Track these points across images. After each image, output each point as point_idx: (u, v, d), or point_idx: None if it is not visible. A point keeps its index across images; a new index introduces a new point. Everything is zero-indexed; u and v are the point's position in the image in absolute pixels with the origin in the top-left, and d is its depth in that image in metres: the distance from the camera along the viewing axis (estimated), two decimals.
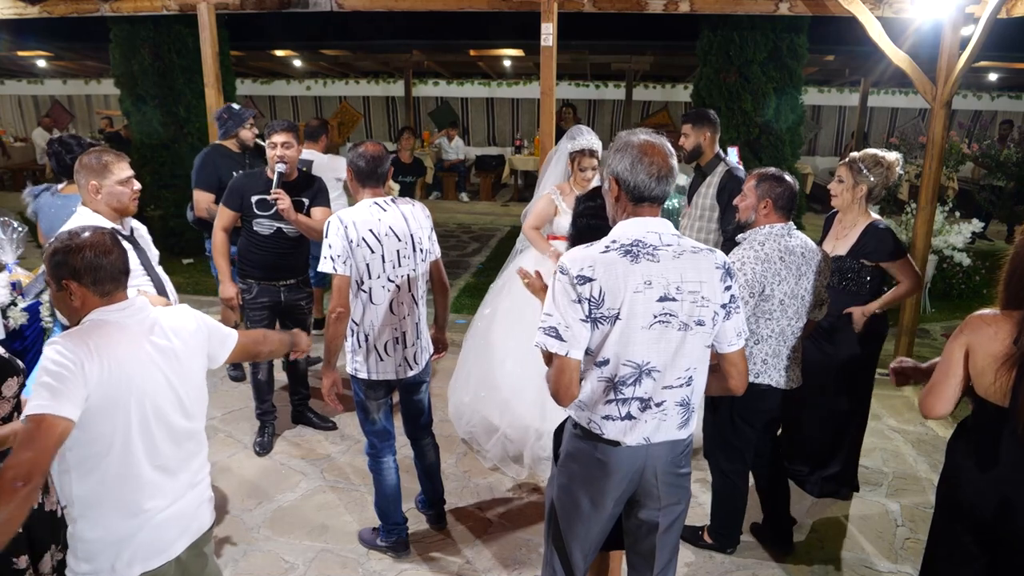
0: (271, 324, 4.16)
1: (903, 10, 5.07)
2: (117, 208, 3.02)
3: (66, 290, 1.89)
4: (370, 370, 3.10)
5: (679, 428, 2.15)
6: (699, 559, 3.35)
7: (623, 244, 2.03)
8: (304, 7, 5.70)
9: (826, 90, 14.44)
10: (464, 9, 5.66)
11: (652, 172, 2.04)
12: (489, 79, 15.13)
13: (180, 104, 8.15)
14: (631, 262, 2.00)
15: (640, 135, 2.10)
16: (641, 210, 2.09)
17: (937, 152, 5.12)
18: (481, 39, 11.01)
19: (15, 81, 16.06)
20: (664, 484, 2.18)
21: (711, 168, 4.19)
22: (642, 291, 1.99)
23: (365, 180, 3.04)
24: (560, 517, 2.27)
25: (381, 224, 2.98)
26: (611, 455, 2.12)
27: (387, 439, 3.24)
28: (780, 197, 2.94)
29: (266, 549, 3.37)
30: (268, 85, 15.63)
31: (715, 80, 7.25)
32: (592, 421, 2.11)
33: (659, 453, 2.14)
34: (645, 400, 2.07)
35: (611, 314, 1.99)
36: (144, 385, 1.88)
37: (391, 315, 3.06)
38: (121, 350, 1.85)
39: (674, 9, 5.35)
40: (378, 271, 3.00)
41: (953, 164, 9.09)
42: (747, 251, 2.93)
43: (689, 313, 2.04)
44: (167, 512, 1.97)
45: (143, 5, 5.86)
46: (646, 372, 2.04)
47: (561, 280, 2.01)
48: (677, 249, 2.06)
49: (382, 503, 3.27)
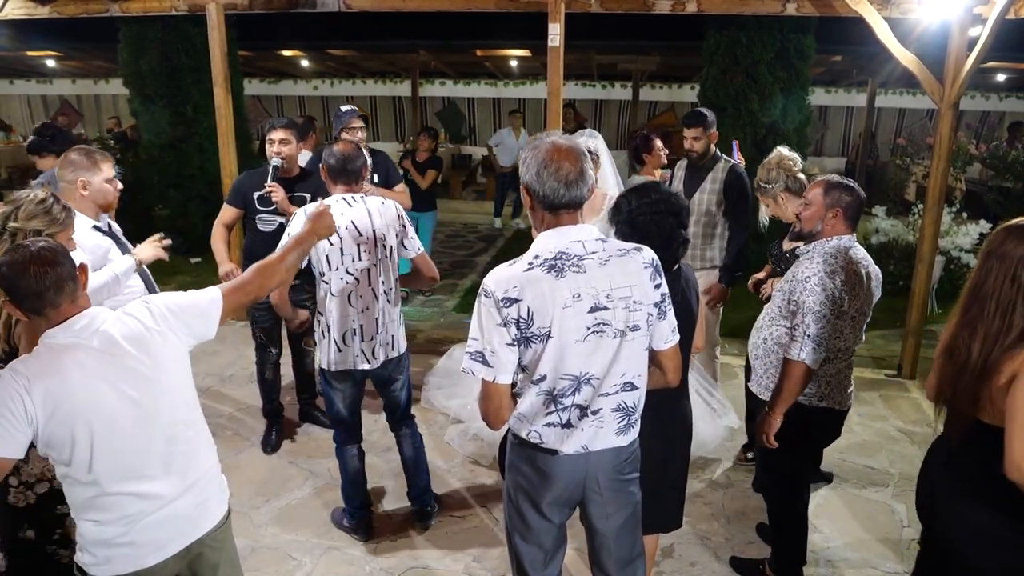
0: (275, 323, 4.20)
1: (910, 11, 5.06)
2: (103, 205, 3.10)
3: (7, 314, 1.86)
4: (330, 360, 3.21)
5: (617, 435, 2.09)
6: (704, 557, 3.35)
7: (546, 259, 1.95)
8: (312, 7, 5.72)
9: (833, 90, 14.39)
10: (471, 9, 5.67)
11: (560, 178, 1.93)
12: (495, 79, 15.13)
13: (188, 104, 8.20)
14: (556, 277, 1.92)
15: (547, 139, 2.00)
16: (560, 219, 1.99)
17: (944, 153, 5.11)
18: (487, 39, 11.02)
19: (24, 81, 16.15)
20: (608, 491, 2.14)
21: (712, 165, 4.30)
22: (572, 305, 1.92)
23: (337, 177, 3.18)
24: (510, 527, 2.25)
25: (343, 218, 3.06)
26: (551, 464, 2.08)
27: (350, 430, 3.38)
28: (850, 206, 2.73)
29: (273, 546, 3.39)
30: (275, 85, 15.67)
31: (721, 80, 7.25)
32: (532, 431, 2.07)
33: (600, 461, 2.10)
34: (583, 408, 2.02)
35: (542, 333, 1.92)
36: (98, 404, 1.82)
37: (349, 307, 3.14)
38: (66, 374, 1.80)
39: (681, 10, 5.35)
40: (336, 263, 3.09)
41: (960, 165, 9.06)
42: (820, 265, 2.67)
43: (624, 320, 1.99)
44: (157, 515, 1.95)
45: (152, 5, 5.89)
46: (584, 381, 1.99)
47: (485, 303, 1.94)
48: (603, 255, 1.99)
49: (346, 487, 3.43)
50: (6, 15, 5.93)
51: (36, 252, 1.83)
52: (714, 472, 4.07)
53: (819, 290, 2.62)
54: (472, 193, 13.20)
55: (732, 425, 4.34)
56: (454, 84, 15.40)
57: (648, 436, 2.28)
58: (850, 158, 13.88)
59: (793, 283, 2.73)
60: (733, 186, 4.25)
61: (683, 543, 3.44)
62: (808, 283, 2.65)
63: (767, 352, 2.94)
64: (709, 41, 7.32)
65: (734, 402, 4.89)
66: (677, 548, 3.40)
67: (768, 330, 2.92)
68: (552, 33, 5.34)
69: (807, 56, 7.19)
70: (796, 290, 2.69)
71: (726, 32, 7.11)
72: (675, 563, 3.31)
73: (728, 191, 4.26)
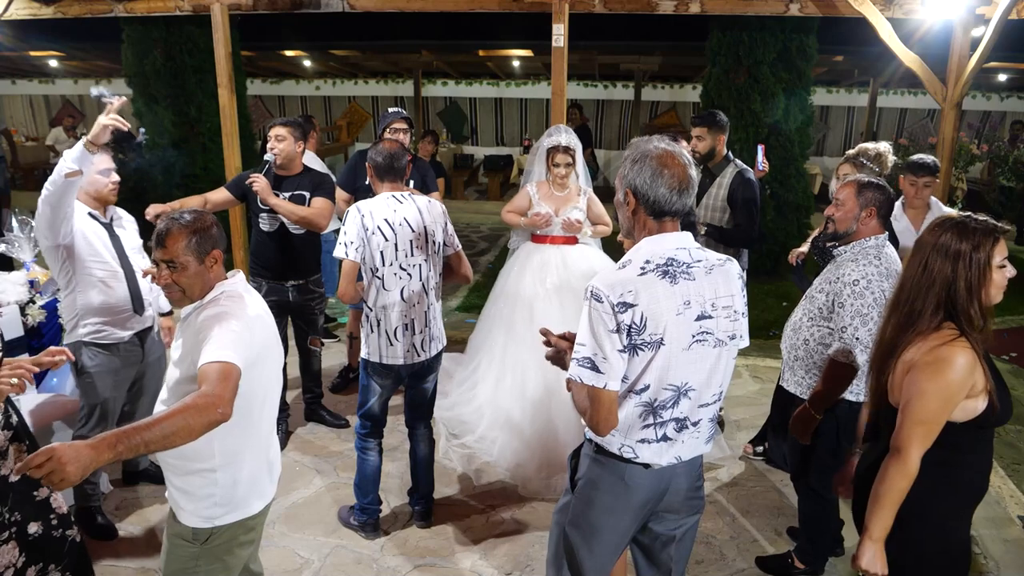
0: (282, 322, 4.21)
1: (913, 11, 5.08)
2: (96, 196, 3.22)
3: (209, 261, 2.15)
4: (381, 354, 3.22)
5: (706, 443, 2.10)
6: (710, 555, 3.37)
7: (658, 264, 1.91)
8: (316, 8, 5.73)
9: (835, 90, 14.42)
10: (475, 10, 5.69)
11: (673, 185, 1.92)
12: (498, 79, 15.16)
13: (192, 104, 8.21)
14: (670, 283, 1.89)
15: (658, 144, 1.98)
16: (664, 225, 1.97)
17: (947, 153, 5.13)
18: (490, 40, 11.05)
19: (27, 81, 16.17)
20: (686, 499, 2.13)
21: (720, 169, 4.15)
22: (682, 312, 1.90)
23: (383, 175, 3.23)
24: (577, 545, 2.16)
25: (396, 215, 3.13)
26: (640, 478, 2.03)
27: (378, 424, 3.40)
28: (883, 204, 2.76)
29: (281, 545, 3.40)
30: (278, 85, 15.70)
31: (724, 80, 7.27)
32: (625, 445, 2.00)
33: (682, 471, 2.08)
34: (682, 420, 1.99)
35: (654, 340, 1.87)
36: (271, 346, 2.19)
37: (402, 302, 3.18)
38: (253, 314, 2.13)
39: (684, 10, 5.36)
40: (391, 259, 3.13)
41: (963, 165, 9.08)
42: (869, 267, 2.69)
43: (725, 329, 1.98)
44: (270, 456, 2.28)
45: (156, 6, 5.91)
46: (684, 393, 1.96)
47: (597, 308, 1.87)
48: (707, 264, 1.98)
49: (361, 482, 3.43)
50: (10, 15, 5.96)
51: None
52: (719, 471, 4.09)
53: (868, 293, 2.65)
54: (474, 193, 13.21)
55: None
56: (456, 84, 15.43)
57: None
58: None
59: (838, 285, 2.73)
60: (737, 192, 4.05)
61: None
62: (856, 286, 2.67)
63: (809, 353, 2.91)
64: (712, 41, 7.34)
65: (736, 400, 4.91)
66: None
67: (809, 331, 2.90)
68: (556, 33, 5.36)
69: (809, 56, 7.21)
70: (843, 292, 2.70)
71: (729, 32, 7.12)
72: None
73: (732, 198, 4.07)
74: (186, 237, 2.10)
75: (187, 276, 2.13)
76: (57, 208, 2.93)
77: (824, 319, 2.82)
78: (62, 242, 3.05)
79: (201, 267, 2.13)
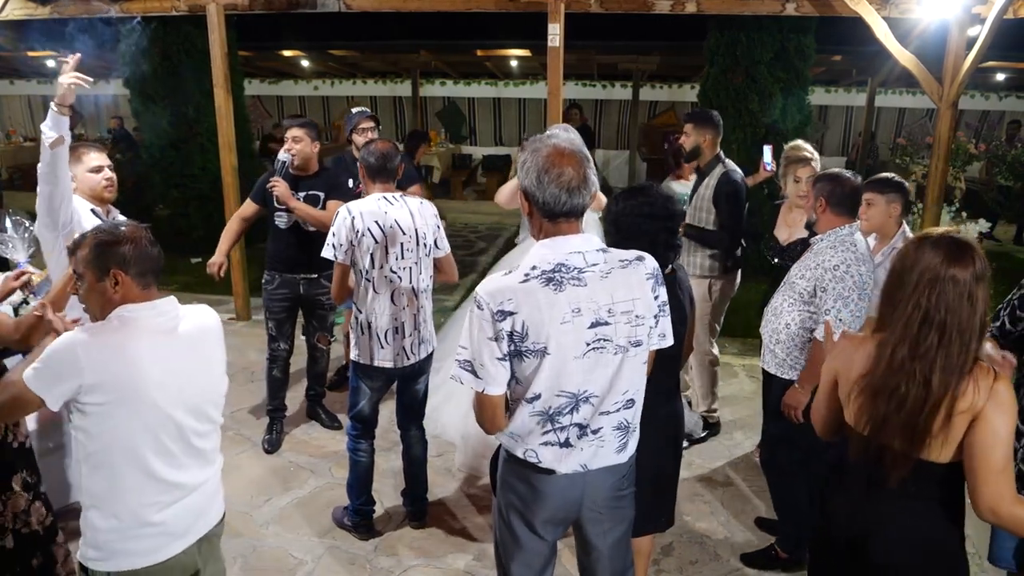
0: (291, 316, 4.27)
1: (909, 10, 5.08)
2: (91, 195, 3.24)
3: (110, 280, 1.87)
4: (372, 356, 3.20)
5: (617, 452, 2.03)
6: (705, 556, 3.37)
7: (544, 270, 1.84)
8: (312, 8, 5.73)
9: (833, 90, 14.41)
10: (472, 10, 5.68)
11: (563, 184, 1.82)
12: (496, 79, 15.15)
13: (189, 104, 8.20)
14: (555, 291, 1.82)
15: (549, 140, 1.89)
16: (559, 227, 1.88)
17: (944, 152, 5.13)
18: (488, 39, 11.04)
19: (24, 81, 16.16)
20: (607, 509, 2.08)
21: (709, 170, 4.16)
22: (571, 320, 1.83)
23: (375, 175, 3.21)
24: (501, 545, 2.16)
25: (387, 217, 3.11)
26: (547, 483, 1.99)
27: (369, 425, 3.39)
28: (831, 195, 2.87)
29: (275, 545, 3.40)
30: (276, 85, 15.67)
31: (722, 80, 7.26)
32: (528, 450, 1.97)
33: (598, 481, 2.02)
34: (583, 427, 1.94)
35: (537, 348, 1.83)
36: (161, 384, 1.86)
37: (392, 305, 3.17)
38: (137, 348, 1.84)
39: (681, 10, 5.36)
40: (381, 261, 3.11)
41: (960, 164, 9.07)
42: (847, 253, 2.81)
43: (626, 335, 1.90)
44: (176, 506, 1.95)
45: (152, 6, 5.90)
46: (583, 399, 1.90)
47: (478, 315, 1.83)
48: (604, 268, 1.89)
49: (354, 483, 3.42)
50: (7, 15, 5.95)
51: (147, 230, 1.98)
52: (712, 470, 4.08)
53: (847, 277, 2.78)
54: (473, 193, 13.21)
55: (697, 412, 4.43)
56: (454, 84, 15.42)
57: (641, 437, 2.21)
58: (850, 157, 13.90)
59: (819, 271, 2.86)
60: (721, 192, 4.02)
61: (682, 541, 3.45)
62: (837, 271, 2.80)
63: (791, 337, 2.99)
64: (709, 41, 7.33)
65: (732, 400, 4.91)
66: (676, 547, 3.41)
67: (790, 315, 2.99)
68: (552, 33, 5.36)
69: (807, 56, 7.20)
70: (825, 277, 2.82)
71: (726, 32, 7.11)
72: (675, 561, 3.32)
73: (716, 198, 4.04)
74: (86, 248, 1.89)
75: (83, 290, 1.92)
76: (54, 184, 2.94)
77: (806, 303, 2.94)
78: (63, 231, 3.03)
79: (100, 284, 1.88)
